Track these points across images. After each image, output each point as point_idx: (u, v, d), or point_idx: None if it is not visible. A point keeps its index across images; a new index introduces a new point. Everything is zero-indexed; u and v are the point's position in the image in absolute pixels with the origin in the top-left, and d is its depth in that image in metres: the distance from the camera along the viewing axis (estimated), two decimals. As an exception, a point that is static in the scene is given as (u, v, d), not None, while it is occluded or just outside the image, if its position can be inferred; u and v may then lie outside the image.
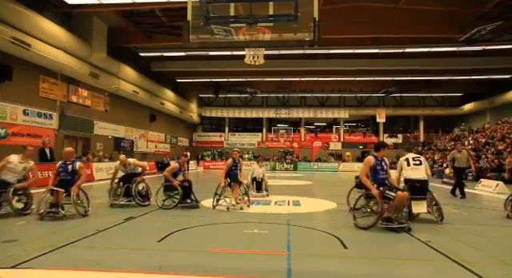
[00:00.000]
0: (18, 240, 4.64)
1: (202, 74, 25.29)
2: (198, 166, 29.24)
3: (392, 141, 33.30)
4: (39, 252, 4.07)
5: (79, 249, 4.33)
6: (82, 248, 4.40)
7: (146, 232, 5.25)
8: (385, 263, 4.06)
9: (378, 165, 5.81)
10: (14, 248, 4.28)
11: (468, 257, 4.08)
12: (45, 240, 4.68)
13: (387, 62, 21.30)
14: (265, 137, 34.81)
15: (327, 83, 27.59)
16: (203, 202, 8.55)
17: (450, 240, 5.02)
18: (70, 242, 4.53)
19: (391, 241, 5.04)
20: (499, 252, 4.46)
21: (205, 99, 34.61)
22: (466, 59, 20.37)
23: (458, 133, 27.25)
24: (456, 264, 3.88)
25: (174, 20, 15.87)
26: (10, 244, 4.42)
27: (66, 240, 4.62)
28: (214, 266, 3.76)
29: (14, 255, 3.95)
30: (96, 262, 3.81)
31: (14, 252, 4.10)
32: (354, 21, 15.11)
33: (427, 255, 4.29)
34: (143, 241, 4.76)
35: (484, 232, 5.53)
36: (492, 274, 3.53)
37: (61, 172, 6.50)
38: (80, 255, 4.11)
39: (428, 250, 4.46)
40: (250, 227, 5.78)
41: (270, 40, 5.29)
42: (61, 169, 6.52)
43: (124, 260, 3.97)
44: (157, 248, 4.47)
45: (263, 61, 9.25)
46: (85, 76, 16.13)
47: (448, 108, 31.99)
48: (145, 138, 24.22)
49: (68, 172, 6.48)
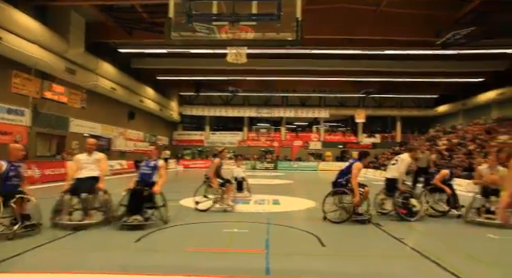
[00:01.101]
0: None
1: (183, 72, 24.97)
2: (177, 165, 28.90)
3: (370, 141, 34.06)
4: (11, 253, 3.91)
5: (51, 252, 4.19)
6: (53, 250, 4.26)
7: (122, 233, 5.12)
8: (362, 260, 4.15)
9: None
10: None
11: (438, 253, 4.22)
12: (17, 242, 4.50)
13: (367, 63, 21.70)
14: (246, 135, 34.79)
15: (308, 83, 27.84)
16: (182, 201, 8.47)
17: (421, 236, 5.18)
18: (39, 245, 4.38)
19: (367, 239, 5.16)
20: (465, 246, 4.65)
21: (185, 97, 34.24)
22: (442, 62, 21.04)
23: (433, 134, 28.11)
24: (428, 260, 4.00)
25: (156, 16, 15.59)
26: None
27: (36, 242, 4.45)
28: (194, 266, 3.74)
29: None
30: (70, 264, 3.71)
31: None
32: (336, 21, 15.31)
33: (401, 251, 4.42)
34: (119, 242, 4.66)
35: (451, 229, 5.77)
36: (458, 267, 3.66)
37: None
38: (53, 258, 3.99)
39: (402, 247, 4.59)
40: (230, 226, 5.76)
41: (252, 39, 5.29)
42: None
43: (100, 261, 3.88)
44: (134, 248, 4.38)
45: (245, 60, 9.22)
46: (61, 71, 15.60)
47: (424, 109, 32.97)
48: (123, 136, 23.70)
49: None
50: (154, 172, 6.00)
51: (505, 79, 21.95)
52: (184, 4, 5.18)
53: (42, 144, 15.69)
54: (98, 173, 5.77)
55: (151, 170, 6.00)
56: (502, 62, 20.76)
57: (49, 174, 12.19)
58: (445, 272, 3.58)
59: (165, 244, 4.67)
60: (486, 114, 24.27)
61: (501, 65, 20.93)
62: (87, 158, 5.87)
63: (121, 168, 18.50)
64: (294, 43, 5.25)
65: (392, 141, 33.30)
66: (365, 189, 6.19)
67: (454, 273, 3.53)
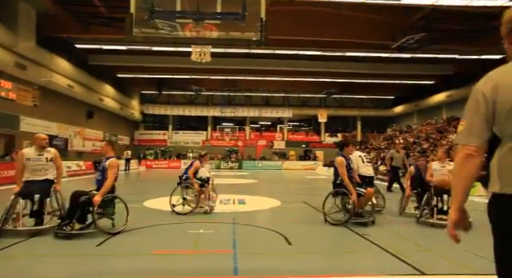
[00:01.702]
0: None
1: (144, 70, 24.23)
2: (139, 166, 28.00)
3: (332, 140, 35.10)
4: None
5: (8, 260, 3.90)
6: (3, 259, 3.96)
7: (81, 237, 4.84)
8: (328, 257, 4.28)
9: (347, 165, 5.95)
10: None
11: (400, 248, 4.45)
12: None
13: (329, 65, 22.37)
14: (210, 135, 34.49)
15: (272, 83, 28.16)
16: (145, 203, 8.24)
17: (384, 232, 5.42)
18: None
19: (333, 236, 5.32)
20: (424, 241, 4.94)
21: (147, 96, 33.27)
22: (397, 65, 22.21)
23: (391, 133, 29.55)
24: (391, 255, 4.20)
25: (114, 11, 14.96)
26: None
27: (-13, 249, 4.12)
28: (161, 269, 3.65)
29: None
30: (23, 273, 3.46)
31: None
32: (300, 23, 15.61)
33: (366, 247, 4.59)
34: (79, 247, 4.42)
35: (411, 224, 6.09)
36: (419, 261, 3.88)
37: None
38: (2, 267, 3.70)
39: (366, 243, 4.76)
40: (195, 227, 5.68)
41: (217, 38, 5.26)
42: None
43: (58, 268, 3.66)
44: (96, 253, 4.18)
45: (210, 59, 9.12)
46: (9, 66, 14.54)
47: (382, 109, 34.58)
48: (81, 136, 22.57)
49: None
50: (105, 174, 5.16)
51: (453, 82, 23.62)
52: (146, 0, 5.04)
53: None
54: (53, 176, 5.35)
55: (102, 175, 5.16)
56: (450, 66, 22.30)
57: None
58: (407, 266, 3.77)
59: (129, 247, 4.50)
60: (438, 115, 25.96)
61: (449, 69, 22.48)
62: (38, 156, 5.26)
63: (78, 170, 17.57)
64: (259, 43, 5.30)
65: (354, 140, 34.54)
66: (367, 190, 5.87)
67: (416, 267, 3.73)
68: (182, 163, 29.74)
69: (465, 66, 21.37)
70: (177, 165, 29.52)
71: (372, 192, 5.91)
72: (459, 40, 16.45)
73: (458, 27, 15.55)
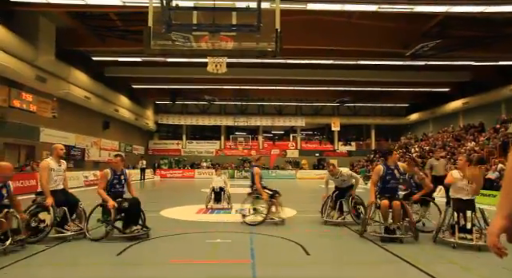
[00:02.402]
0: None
1: (158, 81, 24.65)
2: (154, 175, 28.29)
3: (346, 149, 34.80)
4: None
5: (26, 268, 3.98)
6: (29, 266, 4.05)
7: (102, 247, 4.94)
8: (347, 268, 4.21)
9: (388, 175, 5.54)
10: None
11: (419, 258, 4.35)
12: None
13: (341, 73, 22.30)
14: (223, 144, 34.64)
15: (284, 92, 28.22)
16: (162, 212, 8.31)
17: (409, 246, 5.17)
18: (15, 261, 4.14)
19: (351, 247, 5.23)
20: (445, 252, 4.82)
21: (161, 106, 33.74)
22: (411, 73, 21.98)
23: (405, 141, 29.14)
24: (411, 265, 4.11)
25: (130, 24, 15.38)
26: None
27: (11, 258, 4.21)
28: (178, 277, 3.66)
29: None
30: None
31: None
32: (312, 33, 15.68)
33: (386, 258, 4.49)
34: (100, 256, 4.48)
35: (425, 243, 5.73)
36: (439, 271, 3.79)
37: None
38: (26, 274, 3.79)
39: (386, 254, 4.66)
40: (212, 236, 5.69)
41: (232, 49, 5.34)
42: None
43: (81, 276, 3.72)
44: (116, 262, 4.24)
45: (226, 70, 9.21)
46: (30, 79, 15.01)
47: (396, 117, 34.14)
48: (97, 146, 23.00)
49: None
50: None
51: (469, 89, 23.21)
52: (164, 13, 5.17)
53: (9, 155, 14.94)
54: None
55: (123, 187, 5.78)
56: (466, 73, 21.92)
57: (17, 186, 11.58)
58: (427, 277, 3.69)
59: (148, 256, 4.55)
60: (454, 122, 25.47)
61: (465, 75, 22.10)
62: (58, 166, 5.49)
63: (95, 179, 17.86)
64: (274, 54, 5.35)
65: (367, 149, 34.16)
66: (382, 202, 5.34)
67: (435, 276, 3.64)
68: (195, 172, 29.96)
69: (481, 73, 20.99)
70: (191, 175, 29.74)
71: (398, 205, 5.25)
72: (475, 46, 16.21)
73: (474, 33, 15.35)
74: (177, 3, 5.13)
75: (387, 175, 5.51)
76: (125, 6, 12.66)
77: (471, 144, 18.51)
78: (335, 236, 5.70)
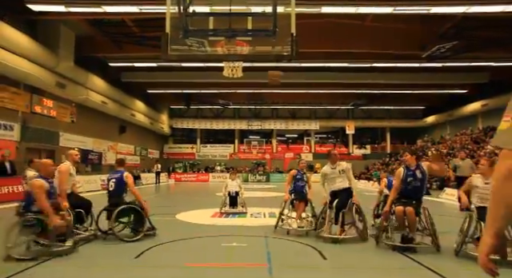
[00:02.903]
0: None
1: (173, 85, 25.00)
2: (169, 179, 28.59)
3: (361, 152, 34.40)
4: (11, 271, 3.80)
5: (49, 269, 4.09)
6: (51, 267, 4.16)
7: (121, 249, 5.03)
8: (365, 273, 4.15)
9: (408, 176, 5.20)
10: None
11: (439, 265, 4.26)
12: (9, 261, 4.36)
13: (356, 76, 22.12)
14: (237, 148, 34.76)
15: (298, 95, 28.17)
16: (178, 216, 8.39)
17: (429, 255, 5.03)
18: (39, 262, 4.26)
19: (369, 251, 5.15)
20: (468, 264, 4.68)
21: (176, 110, 34.17)
22: (428, 75, 21.61)
23: (422, 144, 28.61)
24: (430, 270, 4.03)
25: (146, 30, 15.70)
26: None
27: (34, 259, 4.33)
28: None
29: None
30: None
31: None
32: (325, 36, 15.64)
33: (406, 264, 4.42)
34: (119, 258, 4.56)
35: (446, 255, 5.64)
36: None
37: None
38: (49, 275, 3.89)
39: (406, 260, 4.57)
40: (228, 240, 5.71)
41: (248, 54, 5.38)
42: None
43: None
44: (133, 264, 4.31)
45: (241, 75, 9.26)
46: (51, 86, 15.46)
47: (412, 120, 33.57)
48: (114, 150, 23.44)
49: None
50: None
51: (488, 90, 22.64)
52: (181, 19, 5.26)
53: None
54: None
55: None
56: (484, 74, 21.42)
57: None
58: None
59: (165, 259, 4.60)
60: (473, 124, 24.88)
61: (484, 77, 21.59)
62: (73, 172, 5.65)
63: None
64: (290, 58, 5.37)
65: (382, 152, 33.68)
66: (397, 208, 5.00)
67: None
68: (210, 176, 30.14)
69: (501, 74, 20.46)
70: (205, 178, 29.92)
71: (411, 211, 4.86)
72: (494, 47, 15.85)
73: (492, 34, 15.01)
74: (193, 9, 5.21)
75: (408, 177, 5.21)
76: (141, 13, 12.94)
77: (491, 147, 18.02)
78: (352, 240, 5.62)
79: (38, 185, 4.49)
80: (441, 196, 13.75)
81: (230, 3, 5.01)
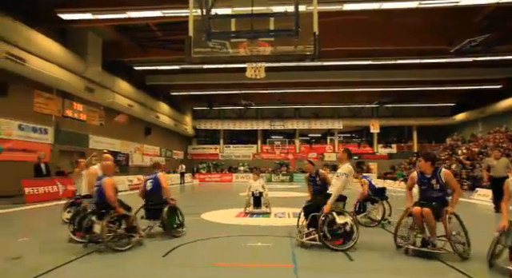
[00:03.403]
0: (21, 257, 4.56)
1: (196, 87, 25.37)
2: (193, 179, 29.04)
3: (386, 152, 33.61)
4: (45, 268, 3.99)
5: (82, 265, 4.26)
6: (84, 264, 4.33)
7: (149, 247, 5.17)
8: (393, 276, 4.06)
9: (422, 183, 4.79)
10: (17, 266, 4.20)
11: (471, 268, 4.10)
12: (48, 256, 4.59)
13: (380, 73, 21.64)
14: (260, 148, 34.83)
15: (321, 94, 27.87)
16: (203, 215, 8.51)
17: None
18: (72, 259, 4.45)
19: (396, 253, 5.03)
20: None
21: (199, 111, 34.65)
22: (457, 70, 20.80)
23: (451, 143, 27.57)
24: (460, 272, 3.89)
25: (169, 34, 16.03)
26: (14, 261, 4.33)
27: (68, 257, 4.53)
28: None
29: (19, 272, 3.88)
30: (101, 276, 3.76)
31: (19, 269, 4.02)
32: (348, 33, 15.38)
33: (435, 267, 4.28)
34: (148, 256, 4.69)
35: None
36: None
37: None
38: (83, 272, 4.05)
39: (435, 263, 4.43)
40: (253, 240, 5.75)
41: (271, 54, 5.37)
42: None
43: (130, 274, 3.92)
44: (162, 262, 4.42)
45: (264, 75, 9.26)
46: (80, 90, 16.09)
47: (440, 118, 32.40)
48: (140, 151, 24.07)
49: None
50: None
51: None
52: (204, 22, 5.34)
53: (63, 161, 16.07)
54: None
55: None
56: (519, 68, 20.37)
57: (71, 190, 12.43)
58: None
59: (192, 258, 4.68)
60: (508, 122, 23.66)
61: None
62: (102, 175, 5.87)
63: (139, 183, 18.70)
64: (312, 57, 5.31)
65: (409, 151, 32.74)
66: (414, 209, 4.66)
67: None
68: (233, 176, 30.37)
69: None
70: (228, 178, 30.19)
71: (428, 212, 4.48)
72: (530, 38, 15.02)
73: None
74: (216, 11, 5.27)
75: (422, 184, 4.78)
76: (164, 17, 13.22)
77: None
78: (378, 241, 5.51)
79: (109, 183, 5.10)
80: (473, 197, 13.21)
81: (252, 4, 5.03)
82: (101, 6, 12.62)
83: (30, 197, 11.12)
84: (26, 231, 6.57)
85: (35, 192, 11.46)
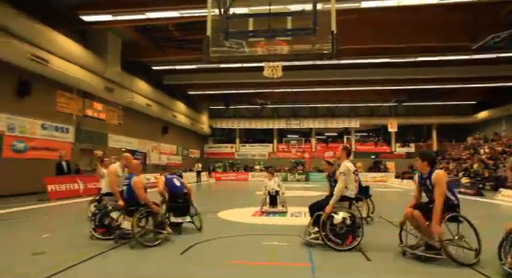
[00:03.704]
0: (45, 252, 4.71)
1: (212, 86, 25.56)
2: (209, 178, 29.30)
3: (404, 151, 32.98)
4: (67, 264, 4.12)
5: (103, 261, 4.37)
6: (105, 260, 4.44)
7: (167, 245, 5.26)
8: (410, 275, 4.00)
9: (422, 185, 4.63)
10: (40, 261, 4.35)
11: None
12: (70, 252, 4.73)
13: (398, 71, 21.23)
14: (275, 147, 34.78)
15: (337, 93, 27.58)
16: (220, 214, 8.58)
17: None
18: (93, 255, 4.58)
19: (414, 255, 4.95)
20: None
21: (215, 110, 34.89)
22: (479, 67, 20.18)
23: (473, 142, 26.79)
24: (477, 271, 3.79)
25: (186, 34, 16.21)
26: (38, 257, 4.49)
27: (89, 253, 4.66)
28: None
29: (43, 267, 4.02)
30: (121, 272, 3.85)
31: (43, 264, 4.16)
32: (365, 31, 15.16)
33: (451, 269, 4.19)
34: (166, 254, 4.77)
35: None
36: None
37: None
38: (103, 267, 4.16)
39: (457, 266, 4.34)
40: (269, 239, 5.75)
41: (288, 53, 5.36)
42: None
43: (149, 271, 4.00)
44: (180, 260, 4.49)
45: (281, 74, 9.24)
46: (100, 90, 16.47)
47: (461, 116, 31.52)
48: (157, 150, 24.44)
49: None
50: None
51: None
52: (222, 22, 5.37)
53: (83, 160, 16.50)
54: None
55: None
56: (545, 64, 19.58)
57: (90, 187, 12.77)
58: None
59: (209, 256, 4.73)
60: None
61: (545, 67, 19.75)
62: (122, 174, 6.00)
63: (155, 182, 18.99)
64: (330, 56, 5.26)
65: (428, 151, 32.03)
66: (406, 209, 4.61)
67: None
68: (249, 175, 30.46)
69: None
70: (244, 177, 30.30)
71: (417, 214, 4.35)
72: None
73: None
74: (233, 11, 5.29)
75: (421, 185, 4.64)
76: (182, 17, 13.38)
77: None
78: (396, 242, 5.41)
79: (139, 182, 5.32)
80: (496, 198, 12.81)
81: (270, 3, 5.02)
82: (120, 8, 12.89)
83: (53, 194, 11.49)
84: (50, 227, 6.78)
85: (57, 189, 11.83)
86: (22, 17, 11.61)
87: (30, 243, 5.36)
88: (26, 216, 8.20)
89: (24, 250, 4.83)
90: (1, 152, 11.86)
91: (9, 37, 11.29)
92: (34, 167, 12.69)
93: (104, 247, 4.98)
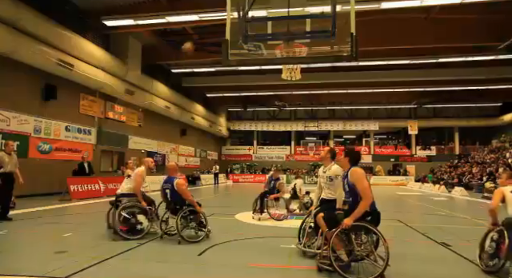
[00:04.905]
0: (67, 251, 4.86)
1: (230, 89, 25.75)
2: (227, 179, 29.45)
3: (425, 154, 32.21)
4: (88, 263, 4.23)
5: (123, 261, 4.47)
6: (125, 260, 4.54)
7: (185, 246, 5.31)
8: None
9: (344, 184, 4.31)
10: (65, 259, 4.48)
11: None
12: (91, 251, 4.85)
13: (420, 73, 20.80)
14: (293, 150, 34.64)
15: (356, 95, 27.26)
16: (237, 216, 8.60)
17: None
18: (113, 255, 4.68)
19: (434, 259, 4.83)
20: None
21: (233, 113, 35.10)
22: (506, 68, 19.50)
23: (498, 145, 25.89)
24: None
25: (205, 37, 16.42)
26: (61, 255, 4.63)
27: (110, 252, 4.77)
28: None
29: (66, 265, 4.14)
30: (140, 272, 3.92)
31: (65, 262, 4.29)
32: (385, 32, 14.95)
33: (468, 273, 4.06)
34: (184, 255, 4.82)
35: None
36: None
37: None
38: (123, 267, 4.24)
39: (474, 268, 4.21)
40: (286, 242, 5.71)
41: (307, 56, 5.34)
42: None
43: (168, 272, 4.05)
44: (198, 262, 4.53)
45: (300, 77, 9.21)
46: (121, 93, 16.87)
47: (485, 118, 30.54)
48: (176, 152, 24.79)
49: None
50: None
51: None
52: (241, 26, 5.40)
53: (105, 161, 16.92)
54: None
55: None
56: None
57: (111, 188, 13.06)
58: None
59: (227, 258, 4.75)
60: None
61: None
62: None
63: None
64: (350, 58, 5.20)
65: (450, 154, 31.16)
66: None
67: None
68: (266, 177, 30.39)
69: None
70: (262, 179, 30.25)
71: (318, 217, 4.21)
72: None
73: None
74: (252, 14, 5.31)
75: (344, 184, 4.25)
76: (201, 21, 13.55)
77: None
78: (416, 247, 5.29)
79: (182, 184, 5.68)
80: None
81: (288, 6, 5.02)
82: (141, 12, 13.20)
83: (75, 195, 11.82)
84: (72, 226, 6.97)
85: (79, 189, 12.16)
86: (50, 24, 12.08)
87: (52, 242, 5.53)
88: (48, 215, 8.47)
89: (47, 249, 4.98)
90: (27, 153, 12.30)
91: (39, 44, 11.75)
92: (58, 167, 13.11)
93: (124, 247, 5.08)
